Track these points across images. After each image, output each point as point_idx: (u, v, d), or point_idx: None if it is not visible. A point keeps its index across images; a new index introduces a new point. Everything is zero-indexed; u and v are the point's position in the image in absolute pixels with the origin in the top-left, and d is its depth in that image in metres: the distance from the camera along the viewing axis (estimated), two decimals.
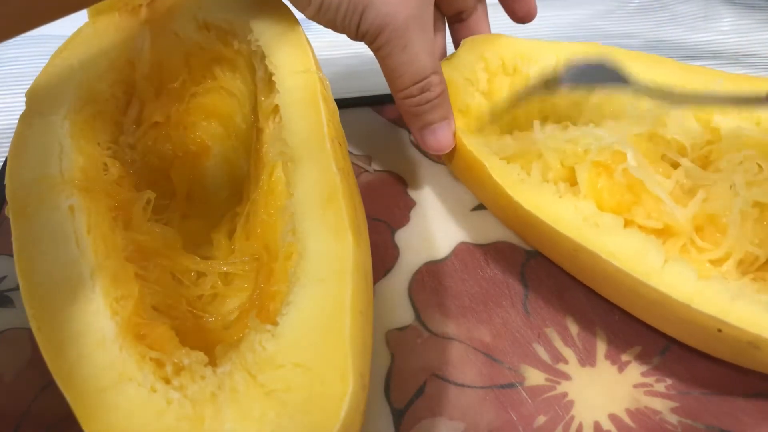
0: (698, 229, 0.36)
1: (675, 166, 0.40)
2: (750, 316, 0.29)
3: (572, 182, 0.39)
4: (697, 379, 0.37)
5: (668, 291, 0.31)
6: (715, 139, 0.40)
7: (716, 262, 0.35)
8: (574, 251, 0.35)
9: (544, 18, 0.76)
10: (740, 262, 0.35)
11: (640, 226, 0.36)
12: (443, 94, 0.41)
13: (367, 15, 0.36)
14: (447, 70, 0.46)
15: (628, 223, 0.36)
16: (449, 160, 0.45)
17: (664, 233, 0.36)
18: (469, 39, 0.48)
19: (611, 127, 0.40)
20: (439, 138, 0.42)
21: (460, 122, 0.44)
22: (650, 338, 0.38)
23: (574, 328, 0.40)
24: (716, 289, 0.30)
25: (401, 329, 0.40)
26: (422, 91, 0.40)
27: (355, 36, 0.39)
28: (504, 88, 0.47)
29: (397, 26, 0.37)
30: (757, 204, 0.36)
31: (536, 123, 0.41)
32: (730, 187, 0.36)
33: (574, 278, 0.41)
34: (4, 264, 0.44)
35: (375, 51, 0.39)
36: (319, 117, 0.35)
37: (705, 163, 0.40)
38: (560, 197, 0.36)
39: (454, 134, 0.42)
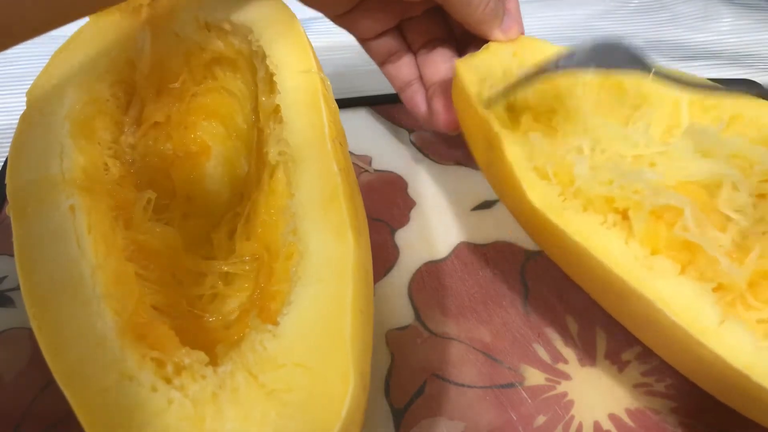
0: (752, 285, 0.33)
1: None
2: None
3: (622, 215, 0.35)
4: None
5: (725, 355, 0.28)
6: None
7: (765, 322, 0.32)
8: (623, 292, 0.32)
9: (544, 18, 0.76)
10: None
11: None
12: None
13: None
14: (486, 56, 0.45)
15: (682, 270, 0.33)
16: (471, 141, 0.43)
17: (716, 287, 0.33)
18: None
19: (664, 165, 0.37)
20: (513, 21, 0.47)
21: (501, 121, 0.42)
22: None
23: (574, 328, 0.40)
24: None
25: (401, 329, 0.40)
26: None
27: None
28: (536, 94, 0.45)
29: None
30: None
31: (578, 159, 0.38)
32: None
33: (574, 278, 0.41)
34: (4, 264, 0.44)
35: None
36: (320, 117, 0.35)
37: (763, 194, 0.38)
38: (608, 229, 0.33)
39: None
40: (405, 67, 0.51)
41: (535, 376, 0.37)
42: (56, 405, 0.35)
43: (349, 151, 0.39)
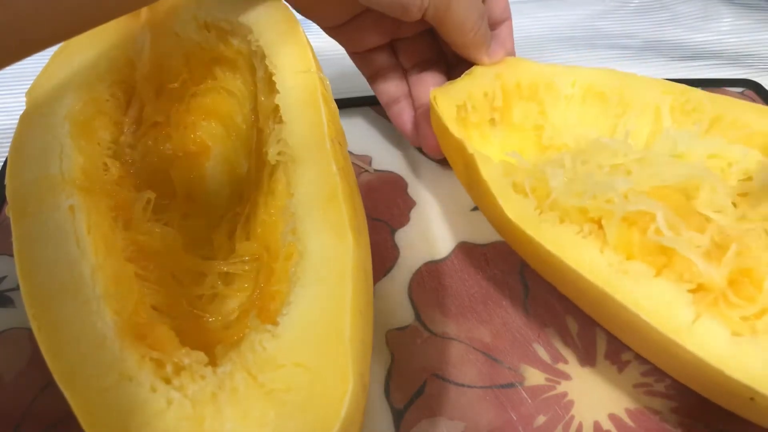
0: (732, 283, 0.33)
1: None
2: None
3: (597, 224, 0.36)
4: None
5: (699, 352, 0.29)
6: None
7: (748, 319, 0.32)
8: (600, 298, 0.32)
9: (544, 18, 0.76)
10: None
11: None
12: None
13: None
14: (465, 82, 0.46)
15: (657, 273, 0.33)
16: (456, 167, 0.44)
17: (695, 288, 0.33)
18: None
19: (640, 172, 0.38)
20: (500, 46, 0.49)
21: (475, 141, 0.43)
22: None
23: (574, 328, 0.40)
24: (750, 353, 0.29)
25: (401, 329, 0.40)
26: (482, 18, 0.46)
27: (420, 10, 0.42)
28: (520, 112, 0.47)
29: None
30: None
31: (553, 172, 0.38)
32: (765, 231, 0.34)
33: None
34: (4, 264, 0.44)
35: (437, 15, 0.43)
36: (320, 117, 0.35)
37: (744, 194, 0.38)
38: (584, 238, 0.34)
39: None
40: (393, 84, 0.51)
41: (535, 376, 0.37)
42: (56, 405, 0.35)
43: (349, 151, 0.39)
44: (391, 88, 0.51)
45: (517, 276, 0.43)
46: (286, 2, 0.41)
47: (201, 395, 0.27)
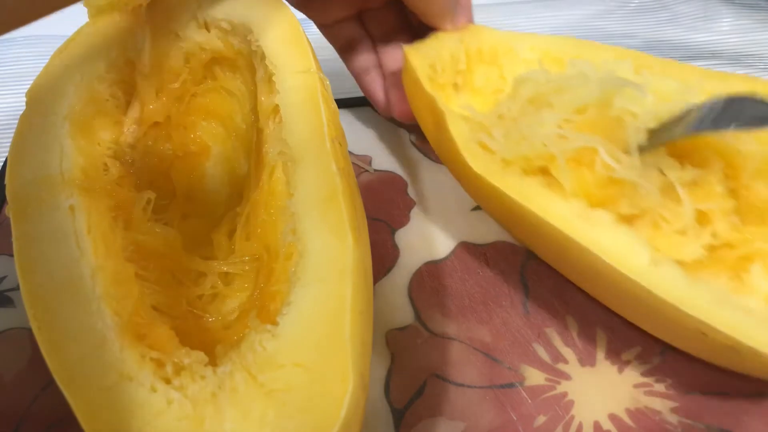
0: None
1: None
2: (732, 320, 0.30)
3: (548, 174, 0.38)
4: (697, 379, 0.37)
5: (655, 290, 0.31)
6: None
7: (682, 232, 0.35)
8: (565, 243, 0.34)
9: (544, 18, 0.76)
10: (704, 221, 0.35)
11: (622, 217, 0.35)
12: None
13: None
14: (435, 42, 0.47)
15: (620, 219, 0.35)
16: (446, 159, 0.45)
17: (636, 216, 0.36)
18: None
19: (559, 101, 0.39)
20: (463, 15, 0.49)
21: (448, 101, 0.45)
22: (650, 338, 0.38)
23: (574, 328, 0.40)
24: (701, 291, 0.31)
25: (401, 329, 0.40)
26: None
27: None
28: (481, 76, 0.49)
29: None
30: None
31: (494, 129, 0.40)
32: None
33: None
34: (4, 264, 0.44)
35: None
36: (320, 117, 0.35)
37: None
38: (546, 187, 0.36)
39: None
40: (363, 55, 0.52)
41: (535, 376, 0.37)
42: (56, 405, 0.35)
43: (349, 151, 0.39)
44: (362, 59, 0.52)
45: (517, 276, 0.43)
46: None
47: (201, 395, 0.27)
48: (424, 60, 0.45)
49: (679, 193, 0.35)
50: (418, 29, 0.52)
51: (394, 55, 0.50)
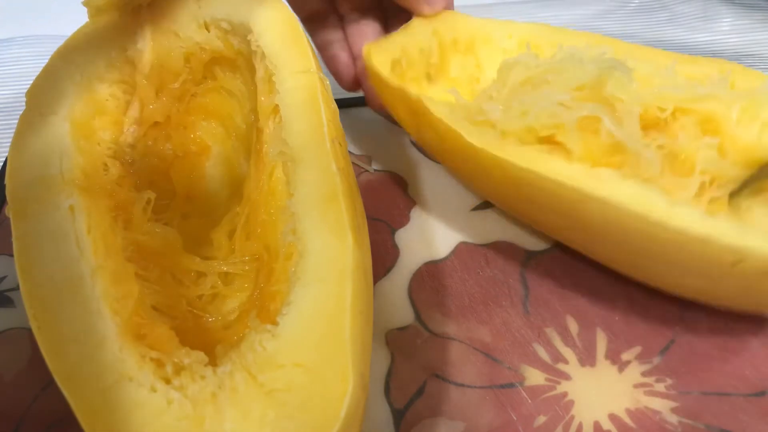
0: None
1: None
2: (764, 245, 0.30)
3: (551, 142, 0.38)
4: (697, 379, 0.37)
5: (684, 228, 0.31)
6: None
7: (716, 200, 0.36)
8: (578, 203, 0.34)
9: (543, 18, 0.76)
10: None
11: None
12: None
13: None
14: (401, 37, 0.46)
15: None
16: (442, 157, 0.45)
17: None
18: (419, 16, 0.48)
19: (557, 79, 0.40)
20: None
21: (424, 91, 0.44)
22: (650, 338, 0.38)
23: (574, 328, 0.40)
24: (725, 223, 0.31)
25: (401, 329, 0.40)
26: None
27: None
28: (457, 65, 0.48)
29: None
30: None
31: (486, 106, 0.40)
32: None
33: (574, 278, 0.41)
34: (4, 264, 0.44)
35: None
36: (320, 117, 0.35)
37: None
38: (548, 153, 0.36)
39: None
40: (328, 29, 0.51)
41: (535, 376, 0.37)
42: (56, 405, 0.35)
43: (349, 151, 0.39)
44: (326, 32, 0.51)
45: (517, 276, 0.43)
46: None
47: (201, 395, 0.27)
48: (386, 57, 0.44)
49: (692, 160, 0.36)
50: (390, 10, 0.51)
51: (362, 34, 0.49)
